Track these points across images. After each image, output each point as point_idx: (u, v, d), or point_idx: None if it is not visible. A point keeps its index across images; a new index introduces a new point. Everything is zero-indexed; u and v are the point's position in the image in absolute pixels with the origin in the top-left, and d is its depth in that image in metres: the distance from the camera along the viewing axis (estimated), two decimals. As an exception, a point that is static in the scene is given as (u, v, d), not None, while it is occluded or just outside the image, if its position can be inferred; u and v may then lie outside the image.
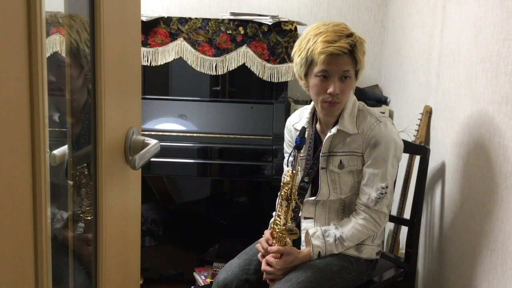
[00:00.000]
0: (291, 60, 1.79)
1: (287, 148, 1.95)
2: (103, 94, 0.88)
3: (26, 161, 0.67)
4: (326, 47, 1.64)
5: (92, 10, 0.84)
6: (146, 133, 2.44)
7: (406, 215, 2.14)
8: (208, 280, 2.65)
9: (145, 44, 2.60)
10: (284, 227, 1.73)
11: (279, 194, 1.78)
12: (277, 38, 2.60)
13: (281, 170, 2.13)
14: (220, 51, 2.62)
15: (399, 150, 1.78)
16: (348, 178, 1.77)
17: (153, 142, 1.02)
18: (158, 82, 2.76)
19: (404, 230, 2.22)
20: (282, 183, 1.74)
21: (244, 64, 2.61)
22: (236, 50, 2.61)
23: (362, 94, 2.87)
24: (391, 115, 2.88)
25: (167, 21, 2.61)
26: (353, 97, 1.80)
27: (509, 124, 1.60)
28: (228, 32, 2.61)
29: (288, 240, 1.75)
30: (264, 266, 1.75)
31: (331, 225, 1.80)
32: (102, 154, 0.88)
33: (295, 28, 2.62)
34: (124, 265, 1.08)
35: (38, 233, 0.69)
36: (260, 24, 2.60)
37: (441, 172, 2.14)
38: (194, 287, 2.68)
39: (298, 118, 1.91)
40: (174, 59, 2.62)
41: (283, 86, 2.66)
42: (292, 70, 2.52)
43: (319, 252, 1.74)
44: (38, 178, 0.68)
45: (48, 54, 0.70)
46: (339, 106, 1.73)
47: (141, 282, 2.47)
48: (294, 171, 1.70)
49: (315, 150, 1.82)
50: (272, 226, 1.81)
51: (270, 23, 2.58)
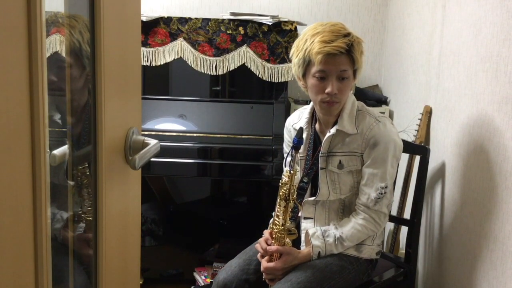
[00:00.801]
0: (291, 60, 1.79)
1: (287, 148, 1.95)
2: (103, 94, 0.88)
3: (26, 161, 0.67)
4: (323, 47, 1.64)
5: (92, 10, 0.84)
6: (146, 133, 2.44)
7: (406, 215, 2.15)
8: (208, 280, 2.65)
9: (145, 44, 2.60)
10: (282, 227, 1.73)
11: (278, 194, 1.78)
12: (277, 38, 2.60)
13: (281, 170, 2.13)
14: (220, 51, 2.62)
15: (399, 150, 1.77)
16: (347, 178, 1.77)
17: (153, 142, 1.02)
18: (158, 82, 2.76)
19: (404, 230, 2.22)
20: (280, 183, 1.74)
21: (244, 64, 2.61)
22: (236, 50, 2.61)
23: (362, 94, 2.87)
24: (391, 115, 2.88)
25: (167, 21, 2.61)
26: (352, 97, 1.80)
27: (509, 124, 1.60)
28: (228, 32, 2.61)
29: (287, 240, 1.75)
30: (263, 266, 1.75)
31: (331, 225, 1.80)
32: (102, 154, 0.88)
33: (295, 28, 2.61)
34: (124, 265, 1.08)
35: (38, 233, 0.69)
36: (260, 24, 2.60)
37: (441, 172, 2.14)
38: (194, 287, 2.68)
39: (298, 118, 1.91)
40: (174, 59, 2.61)
41: (283, 86, 2.66)
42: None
43: (319, 252, 1.74)
44: (38, 178, 0.68)
45: (48, 54, 0.70)
46: (338, 105, 1.73)
47: (141, 282, 2.47)
48: (292, 171, 1.70)
49: (315, 150, 1.82)
50: (271, 226, 1.81)
51: (270, 23, 2.58)
